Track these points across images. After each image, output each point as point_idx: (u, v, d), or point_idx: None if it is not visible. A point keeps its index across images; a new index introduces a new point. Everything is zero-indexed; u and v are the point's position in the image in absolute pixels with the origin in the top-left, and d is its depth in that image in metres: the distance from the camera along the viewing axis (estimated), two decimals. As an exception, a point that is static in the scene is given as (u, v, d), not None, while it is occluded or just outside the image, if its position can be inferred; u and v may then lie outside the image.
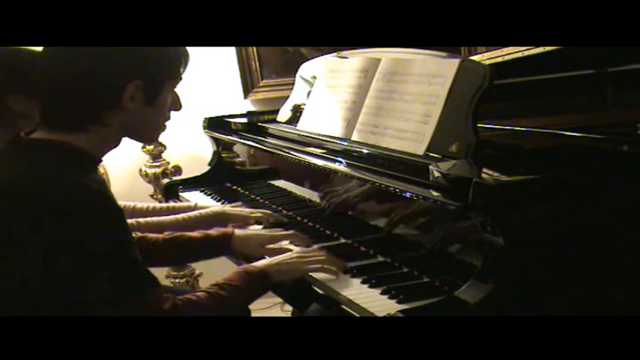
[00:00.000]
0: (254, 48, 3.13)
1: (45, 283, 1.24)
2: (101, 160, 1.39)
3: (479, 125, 1.45)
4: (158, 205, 2.11)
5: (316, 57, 2.24)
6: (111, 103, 1.32)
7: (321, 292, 1.46)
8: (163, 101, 1.39)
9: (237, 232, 1.74)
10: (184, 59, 1.40)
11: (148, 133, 1.45)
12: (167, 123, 1.47)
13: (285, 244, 1.71)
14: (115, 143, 1.39)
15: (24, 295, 1.26)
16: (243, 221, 1.88)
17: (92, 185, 1.27)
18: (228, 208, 1.99)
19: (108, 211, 1.26)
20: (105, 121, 1.33)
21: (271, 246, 1.70)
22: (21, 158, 1.30)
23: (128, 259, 1.27)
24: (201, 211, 1.95)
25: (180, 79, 1.42)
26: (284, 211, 2.03)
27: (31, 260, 1.23)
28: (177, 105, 1.45)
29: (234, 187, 2.41)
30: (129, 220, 1.85)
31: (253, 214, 1.93)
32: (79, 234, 1.22)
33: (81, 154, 1.31)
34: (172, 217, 1.90)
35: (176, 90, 1.43)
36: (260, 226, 1.90)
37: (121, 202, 2.04)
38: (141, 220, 1.84)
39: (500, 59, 1.71)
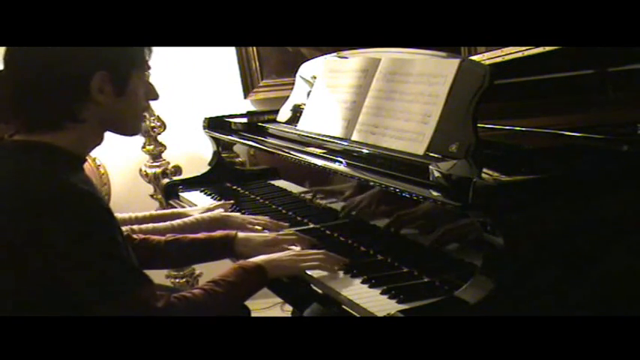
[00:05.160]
0: (254, 48, 3.13)
1: (34, 283, 1.24)
2: (86, 160, 1.38)
3: (479, 125, 1.45)
4: (154, 212, 2.10)
5: (316, 57, 2.24)
6: (80, 97, 1.31)
7: (321, 292, 1.46)
8: (134, 91, 1.37)
9: (240, 234, 1.74)
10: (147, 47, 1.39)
11: (127, 125, 1.42)
12: (167, 123, 1.46)
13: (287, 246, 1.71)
14: (97, 140, 1.38)
15: (14, 295, 1.26)
16: (241, 228, 1.87)
17: (77, 184, 1.26)
18: (225, 214, 1.98)
19: (94, 209, 1.26)
20: (80, 117, 1.32)
21: (273, 249, 1.69)
22: (4, 160, 1.30)
23: (117, 257, 1.26)
24: (198, 216, 1.94)
25: (149, 67, 1.41)
26: (284, 211, 2.03)
27: (20, 261, 1.23)
28: (152, 94, 1.44)
29: (234, 187, 2.41)
30: (123, 228, 1.85)
31: (252, 222, 1.92)
32: (66, 233, 1.22)
33: (63, 154, 1.31)
34: (168, 223, 1.89)
35: (149, 79, 1.42)
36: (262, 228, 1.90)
37: (117, 215, 2.03)
38: (135, 227, 1.83)
39: (500, 59, 1.71)
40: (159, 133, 2.88)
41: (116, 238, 1.28)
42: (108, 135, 1.42)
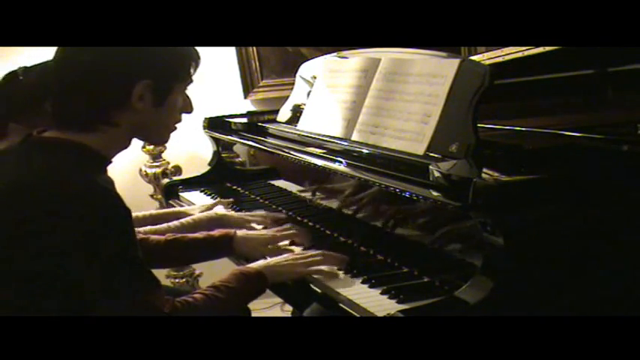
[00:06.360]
0: (254, 48, 3.13)
1: (49, 281, 1.24)
2: (111, 162, 1.39)
3: (479, 125, 1.45)
4: (154, 212, 2.10)
5: (316, 57, 2.24)
6: (120, 103, 1.32)
7: (321, 292, 1.46)
8: (173, 102, 1.39)
9: (239, 232, 1.74)
10: (195, 60, 1.40)
11: (158, 134, 1.45)
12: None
13: (286, 243, 1.71)
14: (125, 144, 1.40)
15: (28, 293, 1.26)
16: (239, 226, 1.88)
17: (104, 185, 1.28)
18: (222, 212, 1.98)
19: (119, 211, 1.27)
20: (115, 121, 1.33)
21: (273, 246, 1.70)
22: (34, 156, 1.31)
23: (134, 259, 1.28)
24: (195, 217, 1.94)
25: (191, 80, 1.42)
26: (284, 211, 2.03)
27: (40, 258, 1.23)
28: (188, 108, 1.45)
29: (234, 187, 2.41)
30: None
31: (249, 219, 1.92)
32: (90, 233, 1.22)
33: (92, 154, 1.32)
34: (165, 225, 1.89)
35: (187, 92, 1.44)
36: (261, 226, 1.90)
37: None
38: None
39: (500, 59, 1.70)
40: (159, 133, 2.88)
41: (134, 240, 1.29)
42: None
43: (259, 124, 2.35)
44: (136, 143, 3.04)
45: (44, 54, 1.53)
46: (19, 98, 1.68)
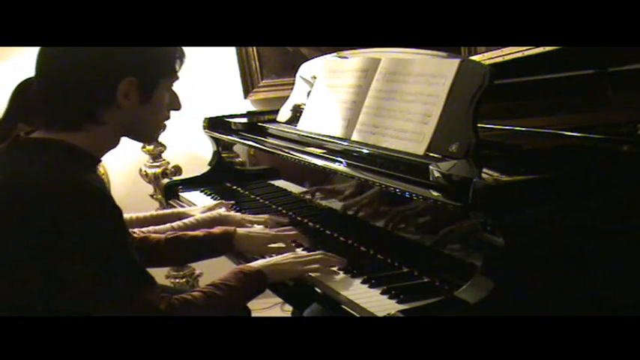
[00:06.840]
0: (254, 48, 3.13)
1: (42, 281, 1.24)
2: (100, 161, 1.39)
3: (479, 125, 1.45)
4: (155, 212, 2.10)
5: (316, 57, 2.24)
6: (106, 101, 1.32)
7: (321, 292, 1.46)
8: (159, 99, 1.38)
9: (240, 230, 1.74)
10: (179, 56, 1.40)
11: (146, 132, 1.44)
12: (167, 123, 1.46)
13: (287, 243, 1.71)
14: (114, 143, 1.39)
15: (22, 294, 1.26)
16: (241, 225, 1.87)
17: (93, 183, 1.27)
18: (225, 213, 1.98)
19: (107, 209, 1.26)
20: (101, 119, 1.33)
21: (273, 245, 1.70)
22: (22, 156, 1.31)
23: (126, 258, 1.27)
24: (198, 216, 1.94)
25: (177, 77, 1.42)
26: (284, 211, 2.03)
27: (31, 258, 1.23)
28: (176, 104, 1.45)
29: (234, 187, 2.41)
30: None
31: (252, 220, 1.92)
32: (79, 231, 1.22)
33: (80, 153, 1.32)
34: (168, 225, 1.89)
35: (174, 89, 1.43)
36: (261, 226, 1.90)
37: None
38: (136, 230, 1.84)
39: (500, 59, 1.70)
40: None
41: (125, 238, 1.29)
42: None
43: (259, 124, 2.35)
44: (136, 143, 3.04)
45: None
46: (34, 104, 1.70)
